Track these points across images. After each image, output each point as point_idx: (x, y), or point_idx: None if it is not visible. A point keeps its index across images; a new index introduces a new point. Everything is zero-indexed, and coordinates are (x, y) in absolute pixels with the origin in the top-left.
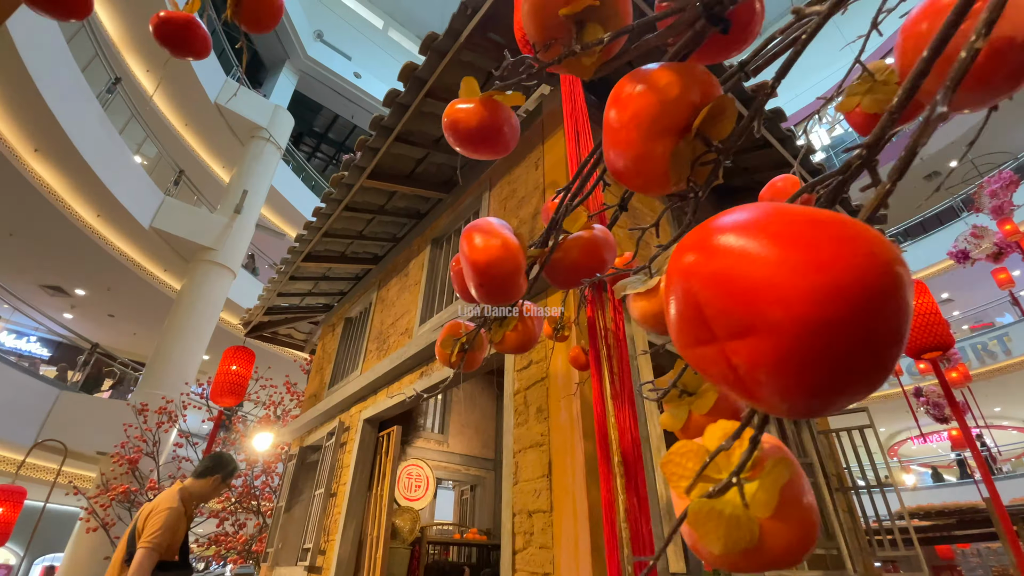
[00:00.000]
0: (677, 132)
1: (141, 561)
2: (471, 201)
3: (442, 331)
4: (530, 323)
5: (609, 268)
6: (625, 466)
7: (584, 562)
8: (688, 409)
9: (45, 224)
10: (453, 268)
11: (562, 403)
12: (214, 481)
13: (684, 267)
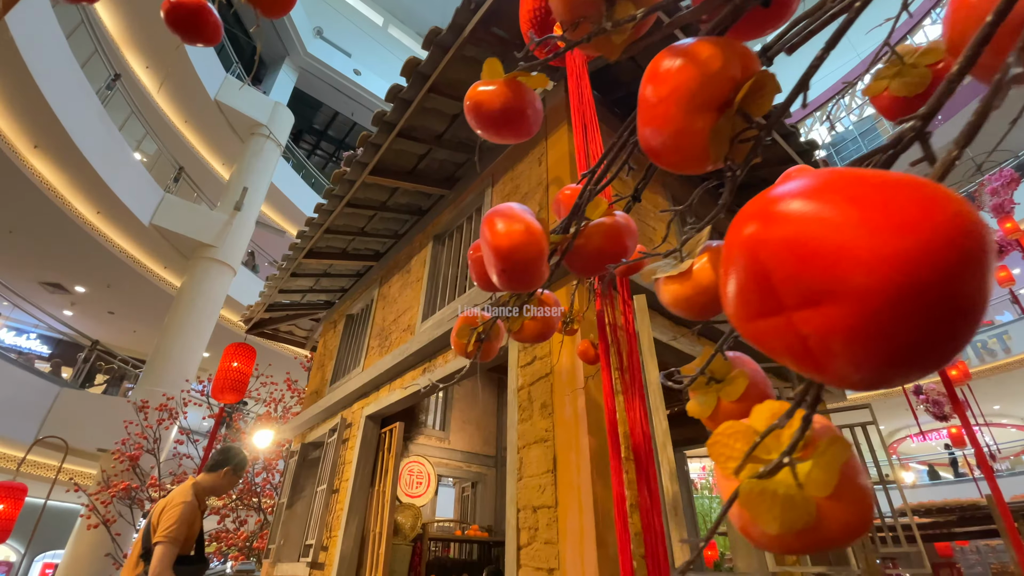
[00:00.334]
0: (718, 107)
1: (162, 555)
2: (473, 197)
3: (457, 321)
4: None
5: (631, 254)
6: (636, 460)
7: (590, 557)
8: (717, 396)
9: (45, 221)
10: (471, 256)
11: (567, 399)
12: (225, 474)
13: (748, 237)
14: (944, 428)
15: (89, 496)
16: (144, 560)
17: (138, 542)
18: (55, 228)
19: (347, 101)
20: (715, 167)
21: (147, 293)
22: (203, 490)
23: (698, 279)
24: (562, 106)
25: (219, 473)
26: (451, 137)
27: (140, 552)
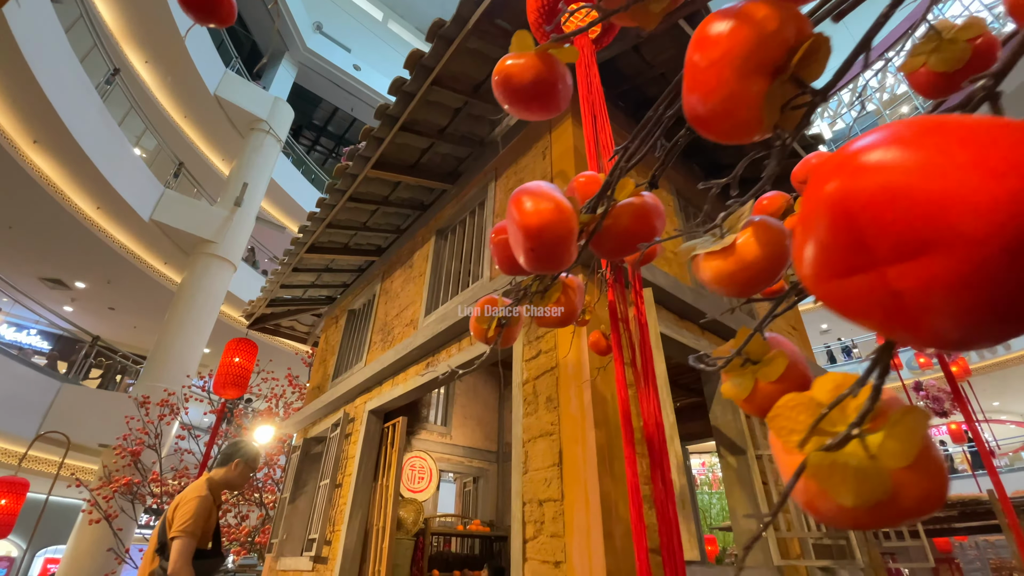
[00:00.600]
0: (772, 71)
1: (180, 548)
2: (476, 192)
3: (476, 306)
4: (573, 295)
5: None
6: (650, 451)
7: (597, 550)
8: (754, 378)
9: (44, 216)
10: (494, 239)
11: (572, 392)
12: (236, 466)
13: (834, 191)
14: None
15: (91, 491)
16: (160, 555)
17: (154, 537)
18: (55, 224)
19: (347, 97)
20: (763, 136)
21: (147, 289)
22: (217, 485)
23: (742, 254)
24: None
25: (230, 467)
26: (454, 131)
27: (156, 547)
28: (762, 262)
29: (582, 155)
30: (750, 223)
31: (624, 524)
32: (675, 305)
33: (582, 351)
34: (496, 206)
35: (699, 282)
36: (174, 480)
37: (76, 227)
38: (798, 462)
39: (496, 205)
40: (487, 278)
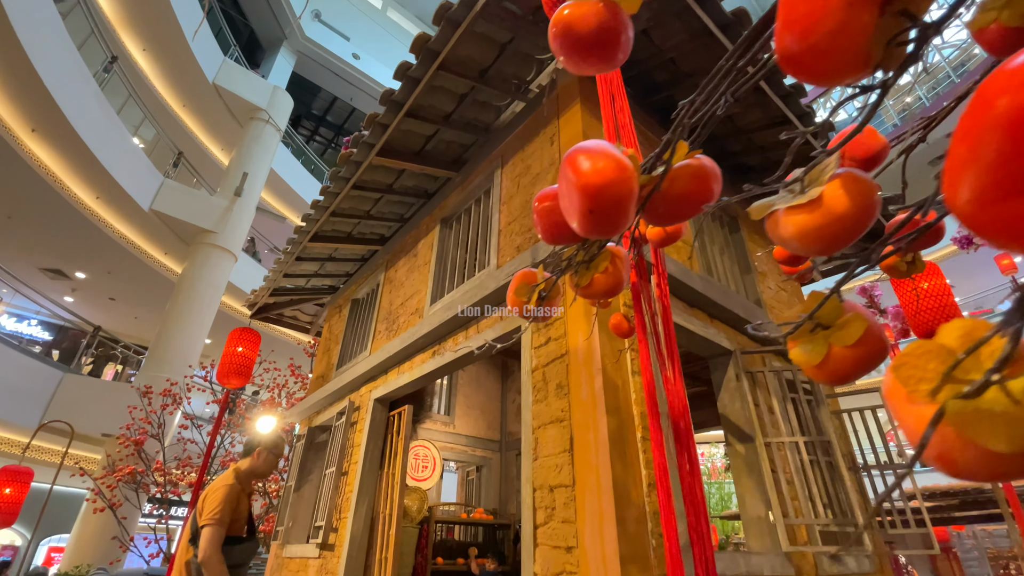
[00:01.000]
0: (881, 1)
1: (209, 536)
2: (482, 179)
3: (515, 278)
4: (620, 265)
5: (714, 200)
6: (676, 431)
7: (610, 535)
8: (827, 343)
9: (44, 206)
10: (537, 207)
11: (583, 379)
12: (259, 455)
13: (1008, 107)
14: None
15: (95, 480)
16: (193, 544)
17: (186, 528)
18: (54, 213)
19: (346, 86)
20: (865, 75)
21: (148, 279)
22: (244, 474)
23: (830, 207)
24: (574, 85)
25: (253, 456)
26: (459, 117)
27: (189, 536)
28: (852, 214)
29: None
30: (837, 175)
31: (637, 509)
32: (684, 293)
33: (593, 338)
34: (502, 193)
35: (777, 240)
36: (178, 469)
37: (76, 217)
38: (927, 412)
39: (502, 192)
40: (494, 266)
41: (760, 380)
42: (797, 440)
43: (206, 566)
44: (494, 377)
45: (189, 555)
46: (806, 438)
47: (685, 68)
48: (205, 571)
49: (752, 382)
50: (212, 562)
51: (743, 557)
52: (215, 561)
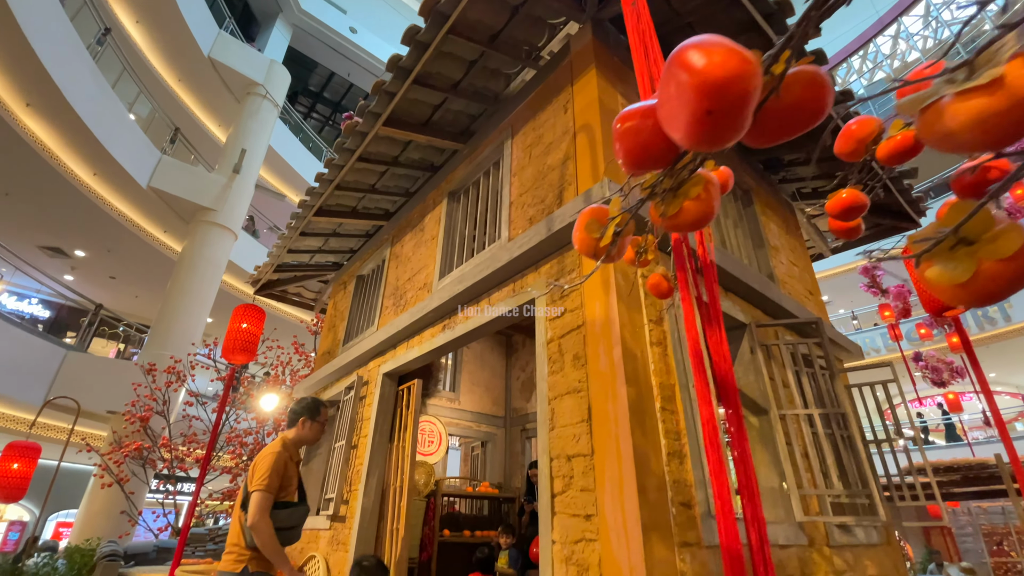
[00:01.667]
0: None
1: (258, 501)
2: (491, 150)
3: (582, 216)
4: (713, 191)
5: (824, 117)
6: (723, 390)
7: (631, 504)
8: (976, 259)
9: (41, 183)
10: (620, 129)
11: (601, 349)
12: (303, 424)
13: None
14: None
15: (102, 456)
16: (244, 509)
17: (240, 494)
18: (52, 191)
19: (343, 61)
20: None
21: (148, 258)
22: (292, 443)
23: (1013, 88)
24: (588, 50)
25: (299, 425)
26: (468, 86)
27: (241, 503)
28: None
29: (608, 108)
30: (1020, 53)
31: (657, 478)
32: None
33: (611, 309)
34: (513, 164)
35: (938, 136)
36: (184, 446)
37: (73, 194)
38: None
39: (513, 163)
40: (505, 238)
41: (775, 353)
42: (812, 412)
43: (254, 530)
44: (498, 354)
45: (242, 519)
46: (821, 410)
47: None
48: (254, 534)
49: (767, 355)
50: (260, 526)
51: None
52: (263, 525)
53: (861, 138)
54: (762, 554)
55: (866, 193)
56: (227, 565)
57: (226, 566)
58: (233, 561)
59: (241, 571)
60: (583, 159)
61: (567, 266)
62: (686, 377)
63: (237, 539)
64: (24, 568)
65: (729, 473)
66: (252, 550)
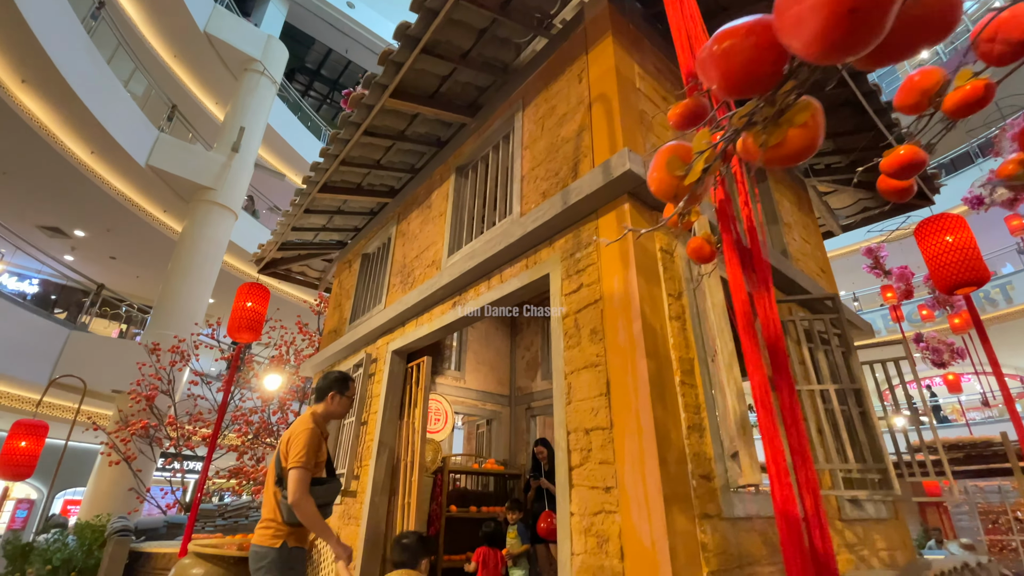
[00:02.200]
0: None
1: (297, 479)
2: (500, 124)
3: (660, 154)
4: (819, 119)
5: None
6: (773, 355)
7: (652, 476)
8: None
9: (38, 161)
10: (716, 49)
11: (620, 324)
12: (333, 398)
13: None
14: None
15: (109, 435)
16: (279, 486)
17: (271, 471)
18: (50, 169)
19: (341, 37)
20: None
21: (148, 238)
22: (321, 417)
23: None
24: (604, 16)
25: (327, 400)
26: (477, 55)
27: (275, 479)
28: None
29: (625, 77)
30: None
31: (678, 451)
32: None
33: (630, 282)
34: (524, 137)
35: None
36: (190, 424)
37: (71, 173)
38: None
39: (524, 136)
40: (517, 213)
41: (790, 330)
42: (828, 388)
43: (297, 508)
44: (503, 334)
45: (278, 497)
46: (837, 386)
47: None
48: (297, 512)
49: (782, 331)
50: (303, 504)
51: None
52: (305, 503)
53: (925, 89)
54: (818, 520)
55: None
56: (264, 539)
57: (263, 540)
58: (271, 536)
59: (280, 546)
60: (599, 130)
61: (583, 240)
62: (704, 351)
63: (273, 514)
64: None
65: (782, 437)
66: (290, 526)
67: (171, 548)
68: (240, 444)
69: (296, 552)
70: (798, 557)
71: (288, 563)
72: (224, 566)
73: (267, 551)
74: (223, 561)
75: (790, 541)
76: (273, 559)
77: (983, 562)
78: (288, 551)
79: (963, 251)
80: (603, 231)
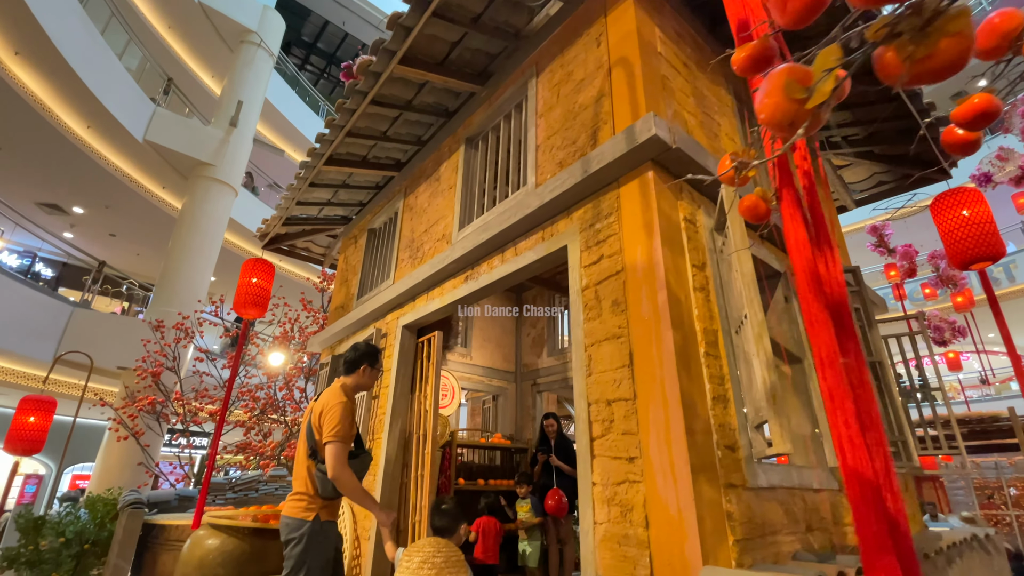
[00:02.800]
0: None
1: (336, 453)
2: (513, 91)
3: (773, 80)
4: (970, 31)
5: None
6: (837, 315)
7: (678, 446)
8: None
9: (34, 137)
10: None
11: (643, 295)
12: (363, 371)
13: None
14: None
15: (116, 410)
16: (313, 459)
17: (302, 443)
18: (46, 145)
19: (337, 8)
20: None
21: (148, 215)
22: (350, 389)
23: None
24: None
25: (358, 373)
26: (488, 20)
27: (307, 452)
28: None
29: (647, 40)
30: None
31: (703, 422)
32: None
33: (654, 251)
34: (539, 105)
35: None
36: (196, 401)
37: (68, 148)
38: None
39: (539, 104)
40: (532, 184)
41: None
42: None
43: (338, 482)
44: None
45: (313, 469)
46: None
47: None
48: (338, 486)
49: None
50: (343, 477)
51: (796, 471)
52: (346, 476)
53: (1005, 32)
54: (888, 481)
55: (908, 142)
56: (296, 512)
57: (295, 512)
58: (303, 509)
59: (313, 519)
60: (620, 95)
61: (603, 210)
62: (728, 323)
63: (306, 487)
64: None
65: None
66: (324, 499)
67: (184, 520)
68: (247, 420)
69: (328, 525)
70: (872, 518)
71: (321, 536)
72: (239, 537)
73: (299, 523)
74: (238, 532)
75: (863, 502)
76: (306, 531)
77: (990, 534)
78: (320, 524)
79: (979, 226)
80: (625, 201)
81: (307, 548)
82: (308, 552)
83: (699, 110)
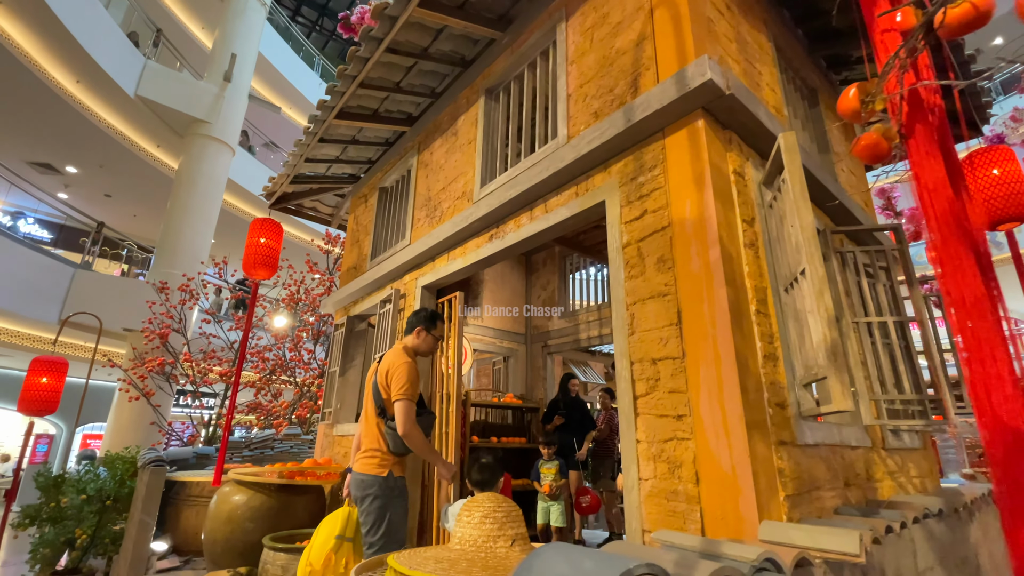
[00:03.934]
0: None
1: (406, 411)
2: (538, 37)
3: None
4: None
5: None
6: (979, 257)
7: (733, 403)
8: None
9: (22, 92)
10: None
11: (693, 251)
12: (419, 333)
13: None
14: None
15: (126, 371)
16: (382, 417)
17: (368, 402)
18: (35, 100)
19: None
20: None
21: (144, 175)
22: (411, 351)
23: None
24: None
25: (414, 335)
26: None
27: (376, 410)
28: None
29: None
30: None
31: (755, 379)
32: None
33: (706, 206)
34: (570, 51)
35: None
36: (205, 362)
37: (58, 104)
38: None
39: (570, 50)
40: (564, 136)
41: (848, 261)
42: (887, 320)
43: (408, 439)
44: (518, 274)
45: (382, 427)
46: (896, 318)
47: None
48: (408, 442)
49: (841, 262)
50: (413, 435)
51: (836, 428)
52: (416, 433)
53: None
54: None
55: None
56: (369, 468)
57: (368, 469)
58: (376, 465)
59: (387, 475)
60: (664, 38)
61: (647, 162)
62: (776, 280)
63: (377, 444)
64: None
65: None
66: (395, 455)
67: (204, 477)
68: (257, 380)
69: (400, 480)
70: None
71: (394, 491)
72: (265, 493)
73: (373, 479)
74: (264, 488)
75: (1014, 457)
76: (380, 486)
77: None
78: (394, 480)
79: (1011, 184)
80: (671, 152)
81: (386, 503)
82: (387, 507)
83: (742, 57)
